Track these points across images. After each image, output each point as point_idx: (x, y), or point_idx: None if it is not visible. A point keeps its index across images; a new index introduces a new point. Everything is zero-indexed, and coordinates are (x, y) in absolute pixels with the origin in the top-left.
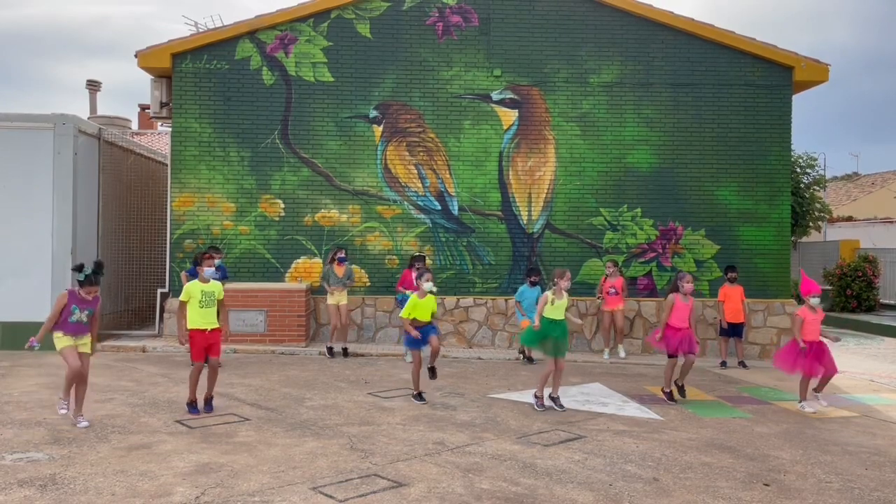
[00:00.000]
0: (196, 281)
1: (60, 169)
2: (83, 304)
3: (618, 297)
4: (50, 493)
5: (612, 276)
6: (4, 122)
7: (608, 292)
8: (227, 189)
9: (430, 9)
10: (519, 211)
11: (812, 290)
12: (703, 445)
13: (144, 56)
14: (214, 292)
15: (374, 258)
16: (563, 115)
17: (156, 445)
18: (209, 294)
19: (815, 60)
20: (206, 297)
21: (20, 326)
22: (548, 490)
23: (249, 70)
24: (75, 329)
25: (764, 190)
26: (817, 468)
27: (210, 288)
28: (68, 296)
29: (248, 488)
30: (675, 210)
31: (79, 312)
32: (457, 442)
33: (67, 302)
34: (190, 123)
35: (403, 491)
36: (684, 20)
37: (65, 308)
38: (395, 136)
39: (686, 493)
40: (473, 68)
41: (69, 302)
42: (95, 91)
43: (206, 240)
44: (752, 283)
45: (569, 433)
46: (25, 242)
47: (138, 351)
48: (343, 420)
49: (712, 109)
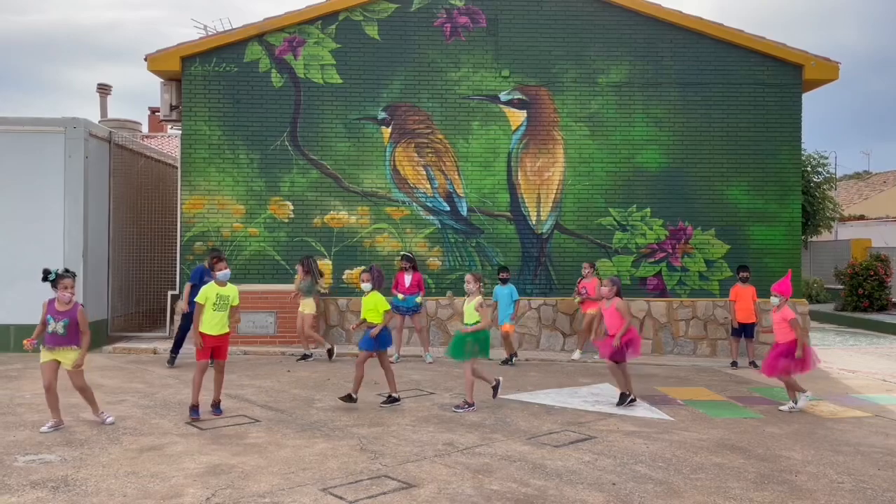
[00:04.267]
0: (213, 283)
1: (71, 172)
2: (58, 314)
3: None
4: (62, 494)
5: (586, 277)
6: (16, 126)
7: (581, 293)
8: (236, 191)
9: (437, 10)
10: (528, 211)
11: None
12: (714, 446)
13: (154, 59)
14: (230, 297)
15: (383, 260)
16: (571, 116)
17: (167, 447)
18: (224, 298)
19: (825, 59)
20: (220, 301)
21: (31, 329)
22: (558, 491)
23: (258, 72)
24: (52, 341)
25: (774, 189)
26: (829, 468)
27: (226, 292)
28: (46, 305)
29: (259, 489)
30: (684, 210)
31: (53, 323)
32: (466, 443)
33: (43, 312)
34: (199, 126)
35: (413, 492)
36: (693, 19)
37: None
38: (404, 138)
39: (697, 494)
40: (481, 69)
41: (45, 312)
42: (106, 95)
43: (216, 242)
44: (763, 283)
45: (579, 434)
46: (37, 245)
47: (149, 353)
48: (353, 421)
49: (722, 109)
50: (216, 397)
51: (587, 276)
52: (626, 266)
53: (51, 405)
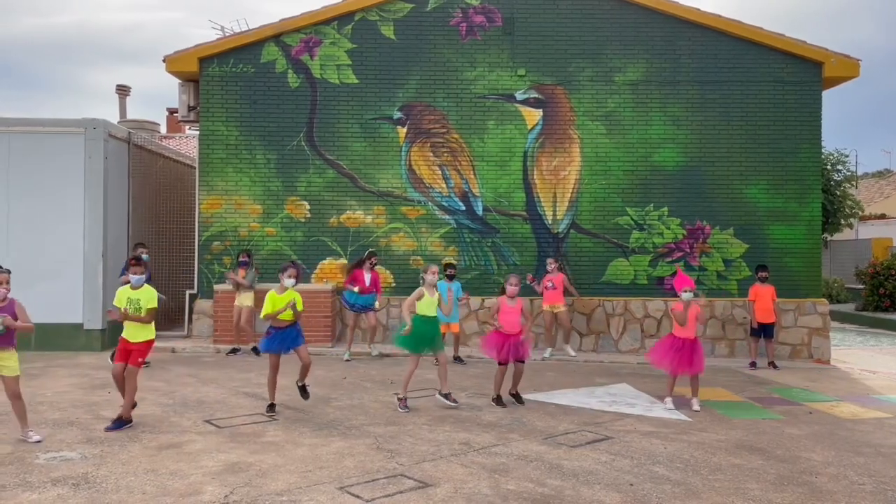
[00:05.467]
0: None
1: (91, 173)
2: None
3: (556, 293)
4: (83, 491)
5: (551, 272)
6: (36, 127)
7: (546, 287)
8: (253, 191)
9: (453, 9)
10: (544, 211)
11: (685, 284)
12: (733, 447)
13: (172, 61)
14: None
15: (398, 259)
16: (588, 114)
17: (185, 445)
18: (289, 302)
19: (845, 56)
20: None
21: (52, 328)
22: (574, 491)
23: (275, 73)
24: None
25: (794, 188)
26: (850, 470)
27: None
28: None
29: (276, 488)
30: (702, 209)
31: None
32: (483, 442)
33: None
34: (217, 127)
35: (430, 491)
36: (711, 17)
37: None
38: (420, 137)
39: (715, 495)
40: (497, 68)
41: None
42: (125, 96)
43: (233, 241)
44: (783, 283)
45: (595, 434)
46: (58, 245)
47: (168, 352)
48: (369, 420)
49: (740, 107)
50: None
51: (551, 271)
52: (644, 265)
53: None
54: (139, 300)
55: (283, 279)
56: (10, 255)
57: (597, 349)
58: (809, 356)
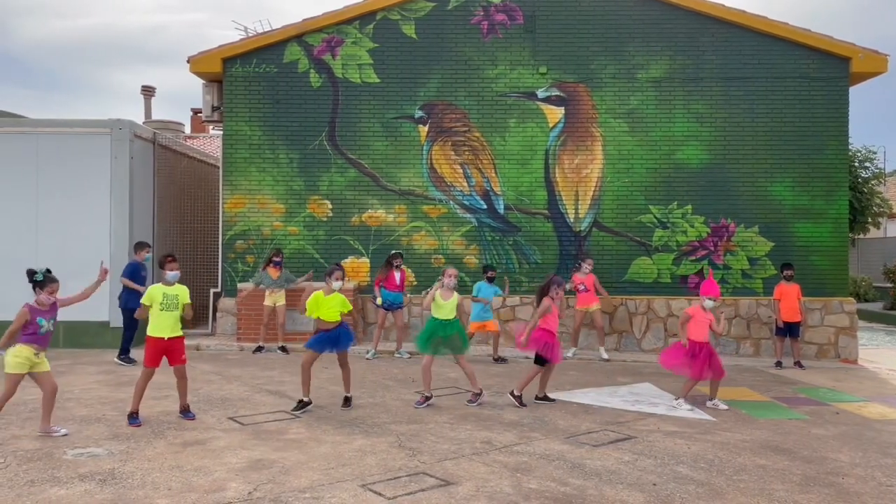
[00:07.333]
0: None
1: (117, 173)
2: (47, 314)
3: (589, 294)
4: (109, 487)
5: (584, 274)
6: (63, 128)
7: (578, 289)
8: (276, 190)
9: (475, 8)
10: (565, 209)
11: (710, 292)
12: (758, 447)
13: (196, 61)
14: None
15: (420, 258)
16: (610, 112)
17: (210, 441)
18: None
19: (873, 51)
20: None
21: (80, 326)
22: (597, 491)
23: (297, 73)
24: (45, 342)
25: (820, 185)
26: (878, 471)
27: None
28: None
29: (299, 485)
30: (726, 207)
31: (47, 323)
32: (504, 441)
33: (26, 317)
34: (240, 126)
35: (451, 489)
36: (735, 12)
37: (28, 323)
38: (441, 136)
39: (740, 496)
40: (519, 66)
41: (30, 316)
42: (150, 96)
43: (256, 241)
44: (809, 281)
45: (618, 433)
46: (84, 245)
47: (192, 349)
48: (391, 418)
49: (765, 103)
50: (183, 403)
51: (581, 272)
52: (667, 264)
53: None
54: (176, 296)
55: (331, 282)
56: (39, 255)
57: (619, 348)
58: (836, 355)
